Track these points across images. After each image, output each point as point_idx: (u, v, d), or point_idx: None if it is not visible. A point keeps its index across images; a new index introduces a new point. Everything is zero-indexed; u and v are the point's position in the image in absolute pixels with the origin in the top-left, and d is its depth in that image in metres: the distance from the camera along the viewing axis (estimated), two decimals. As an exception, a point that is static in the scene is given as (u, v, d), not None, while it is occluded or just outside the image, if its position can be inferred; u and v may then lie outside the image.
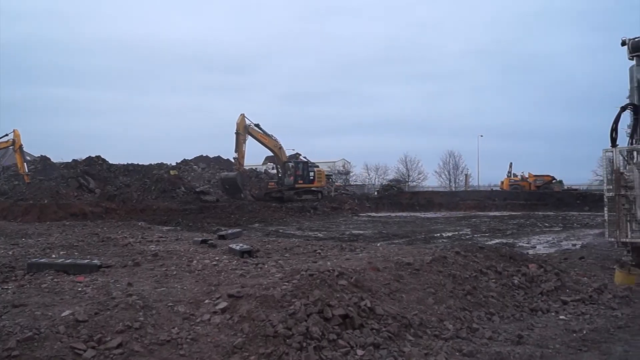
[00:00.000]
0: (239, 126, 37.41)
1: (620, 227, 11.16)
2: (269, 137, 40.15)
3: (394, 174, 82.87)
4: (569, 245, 17.21)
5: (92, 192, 38.68)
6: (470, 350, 5.86)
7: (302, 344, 5.46)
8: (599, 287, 9.09)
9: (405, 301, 7.15)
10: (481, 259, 9.40)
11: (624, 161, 11.46)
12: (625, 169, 11.31)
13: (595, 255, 13.12)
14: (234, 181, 38.56)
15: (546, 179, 55.09)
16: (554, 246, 17.13)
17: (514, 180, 56.60)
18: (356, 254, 11.20)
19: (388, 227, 25.29)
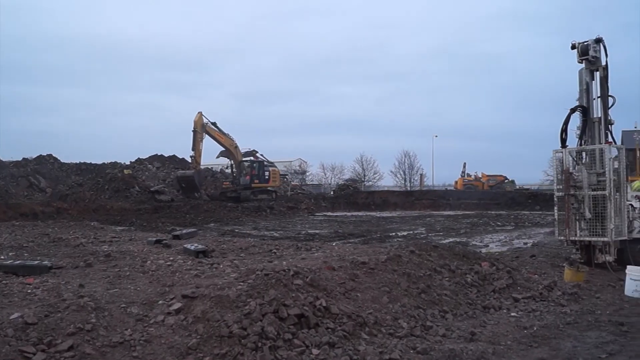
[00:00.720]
0: (196, 124, 37.07)
1: (569, 226, 11.44)
2: (225, 135, 39.89)
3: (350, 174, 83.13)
4: (521, 243, 17.54)
5: (43, 191, 37.86)
6: (424, 348, 5.93)
7: (258, 344, 5.44)
8: (549, 285, 9.30)
9: (360, 300, 7.19)
10: (435, 258, 9.51)
11: (573, 161, 11.76)
12: (575, 169, 11.60)
13: (546, 254, 13.40)
14: (191, 180, 38.20)
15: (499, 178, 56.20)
16: (506, 245, 17.44)
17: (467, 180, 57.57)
18: (312, 253, 11.23)
19: (344, 227, 25.38)
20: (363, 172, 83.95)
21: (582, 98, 12.06)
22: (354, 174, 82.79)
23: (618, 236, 11.16)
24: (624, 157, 11.70)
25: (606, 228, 11.04)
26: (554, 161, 12.22)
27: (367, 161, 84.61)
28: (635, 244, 11.62)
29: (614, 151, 11.47)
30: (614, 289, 9.69)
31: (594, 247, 11.46)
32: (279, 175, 45.62)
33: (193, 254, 11.17)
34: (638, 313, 8.04)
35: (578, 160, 11.73)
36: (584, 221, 11.40)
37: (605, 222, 11.05)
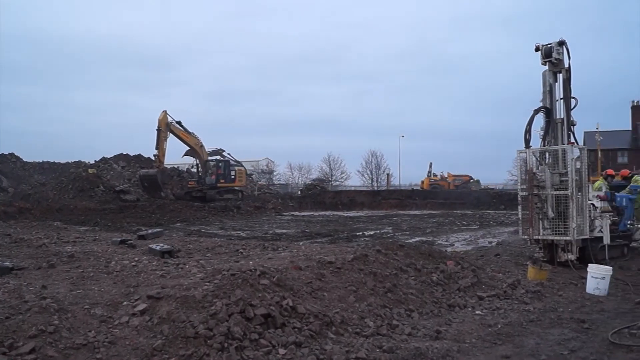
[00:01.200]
0: (160, 123, 36.68)
1: (533, 225, 11.62)
2: (190, 135, 39.53)
3: (317, 174, 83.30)
4: (486, 242, 17.74)
5: (4, 191, 37.15)
6: (390, 347, 5.96)
7: (224, 345, 5.41)
8: (513, 283, 9.42)
9: (327, 299, 7.20)
10: (401, 257, 9.56)
11: (537, 162, 11.95)
12: (538, 169, 11.79)
13: (510, 252, 13.58)
14: (154, 179, 37.76)
15: (464, 178, 56.80)
16: (471, 244, 17.62)
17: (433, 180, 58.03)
18: (279, 253, 11.20)
19: (311, 226, 25.38)
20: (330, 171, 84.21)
21: (546, 99, 12.27)
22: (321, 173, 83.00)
23: (580, 235, 11.37)
24: (586, 158, 11.92)
25: (568, 227, 11.24)
26: (518, 161, 12.41)
27: (335, 161, 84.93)
28: (597, 243, 11.87)
29: (576, 152, 11.69)
30: (576, 286, 9.86)
31: (556, 246, 11.66)
32: (245, 174, 45.38)
33: (158, 254, 11.06)
34: (599, 310, 8.21)
35: (541, 161, 11.92)
36: (547, 220, 11.59)
37: (568, 221, 11.25)
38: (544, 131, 12.23)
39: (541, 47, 12.15)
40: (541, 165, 11.81)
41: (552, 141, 12.14)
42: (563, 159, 11.49)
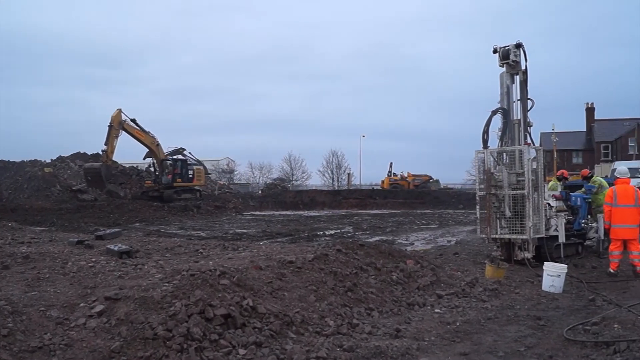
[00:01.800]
0: (113, 120, 36.04)
1: (490, 224, 11.80)
2: (145, 133, 38.92)
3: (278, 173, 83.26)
4: (445, 241, 17.95)
5: (-44, 191, 36.13)
6: (351, 346, 5.98)
7: (183, 346, 5.36)
8: (471, 281, 9.55)
9: (287, 299, 7.19)
10: (362, 256, 9.61)
11: (495, 162, 12.13)
12: (496, 169, 11.97)
13: (468, 251, 13.76)
14: (97, 172, 37.00)
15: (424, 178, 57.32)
16: (430, 243, 17.81)
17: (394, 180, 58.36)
18: (239, 253, 11.13)
19: (272, 226, 25.35)
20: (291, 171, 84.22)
21: (503, 101, 12.46)
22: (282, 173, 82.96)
23: (536, 234, 11.58)
24: (542, 158, 12.15)
25: (525, 226, 11.44)
26: (476, 161, 12.60)
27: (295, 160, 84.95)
28: (552, 241, 12.11)
29: (533, 152, 11.90)
30: (532, 284, 10.05)
31: (513, 245, 11.86)
32: (204, 174, 44.94)
33: (116, 255, 10.87)
34: (554, 307, 8.38)
35: (499, 161, 12.10)
36: (504, 219, 11.78)
37: (524, 220, 11.45)
38: (502, 132, 12.42)
39: (499, 49, 12.34)
40: (499, 166, 12.00)
41: (509, 142, 12.33)
42: (520, 159, 11.69)
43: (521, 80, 12.45)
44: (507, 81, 12.46)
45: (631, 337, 6.06)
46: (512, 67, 12.38)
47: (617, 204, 11.20)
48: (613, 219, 11.27)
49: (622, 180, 11.61)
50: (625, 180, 11.64)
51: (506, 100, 12.43)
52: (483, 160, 12.17)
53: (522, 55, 12.35)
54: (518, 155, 11.74)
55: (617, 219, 11.21)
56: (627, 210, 11.15)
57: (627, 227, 11.10)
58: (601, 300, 8.78)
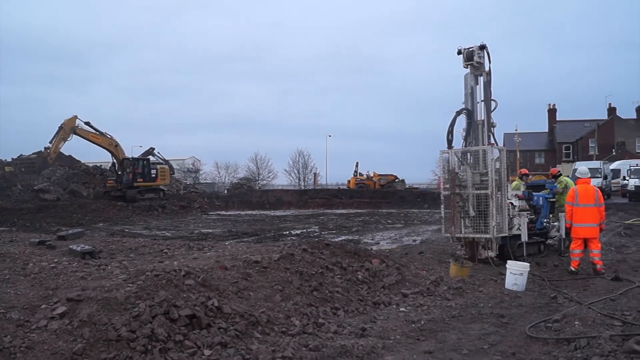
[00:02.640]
0: (65, 123, 35.45)
1: (455, 224, 11.91)
2: (102, 135, 38.26)
3: (244, 173, 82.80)
4: (410, 241, 18.07)
5: None
6: (316, 345, 5.99)
7: (147, 347, 5.31)
8: (436, 280, 9.63)
9: (253, 299, 7.17)
10: (327, 256, 9.62)
11: (459, 162, 12.25)
12: (460, 169, 12.09)
13: (433, 250, 13.85)
14: (31, 163, 36.39)
15: (390, 178, 57.57)
16: (396, 242, 17.91)
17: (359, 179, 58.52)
18: (204, 253, 11.06)
19: (238, 226, 25.24)
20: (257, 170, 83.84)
21: (467, 101, 12.60)
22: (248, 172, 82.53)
23: (499, 233, 11.74)
24: (505, 158, 12.30)
25: (489, 225, 11.58)
26: (441, 161, 12.69)
27: (262, 160, 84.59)
28: (515, 240, 12.29)
29: (496, 152, 12.05)
30: (496, 282, 10.17)
31: (477, 244, 12.00)
32: (168, 173, 44.47)
33: (79, 255, 10.71)
34: (517, 305, 8.51)
35: (463, 161, 12.23)
36: (469, 219, 11.91)
37: (488, 219, 11.60)
38: (466, 132, 12.56)
39: (463, 51, 12.47)
40: (463, 165, 12.12)
41: (473, 142, 12.47)
42: (483, 159, 11.83)
43: (485, 82, 12.60)
44: (471, 82, 12.59)
45: (591, 333, 6.18)
46: (476, 69, 12.52)
47: (578, 204, 11.40)
48: (574, 218, 11.46)
49: (583, 180, 11.83)
50: (586, 180, 11.86)
51: (470, 101, 12.56)
52: (448, 160, 12.29)
53: (485, 57, 12.50)
54: (482, 156, 11.87)
55: (578, 218, 11.40)
56: (587, 209, 11.35)
57: (588, 226, 11.31)
58: (562, 297, 8.94)
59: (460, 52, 12.51)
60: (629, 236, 17.90)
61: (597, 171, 39.73)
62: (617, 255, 13.68)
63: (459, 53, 12.53)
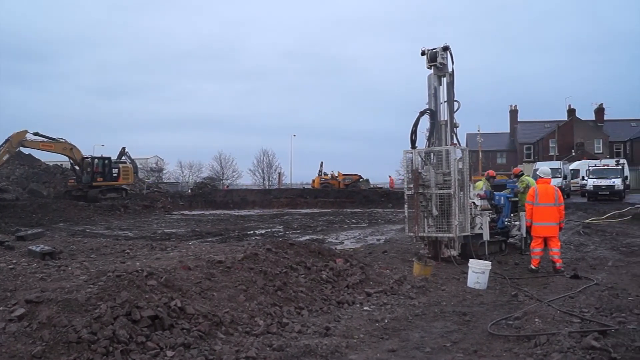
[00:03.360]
0: (14, 137, 34.48)
1: (418, 223, 12.01)
2: (55, 142, 37.42)
3: (208, 172, 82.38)
4: (374, 240, 18.15)
5: None
6: (280, 345, 5.98)
7: (109, 349, 5.24)
8: (399, 279, 9.70)
9: (216, 299, 7.13)
10: (292, 255, 9.61)
11: (422, 162, 12.36)
12: (423, 169, 12.20)
13: (397, 249, 13.94)
14: None
15: (354, 177, 57.82)
16: (360, 241, 17.97)
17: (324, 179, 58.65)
18: (167, 253, 10.98)
19: (201, 225, 25.06)
20: (222, 170, 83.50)
21: (431, 102, 12.71)
22: (212, 172, 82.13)
23: (462, 232, 11.88)
24: (468, 158, 12.46)
25: (451, 224, 11.71)
26: (404, 161, 12.79)
27: (226, 159, 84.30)
28: (477, 239, 12.45)
29: (459, 153, 12.19)
30: (458, 281, 10.29)
31: (440, 243, 12.12)
32: (132, 172, 43.87)
33: (39, 256, 10.52)
34: (479, 303, 8.62)
35: (426, 161, 12.34)
36: (432, 218, 12.02)
37: (451, 219, 11.72)
38: (429, 132, 12.67)
39: (427, 52, 12.57)
40: (426, 165, 12.23)
41: (437, 142, 12.59)
42: (446, 159, 11.95)
43: (448, 82, 12.72)
44: (435, 83, 12.71)
45: (551, 330, 6.29)
46: (439, 70, 12.64)
47: (538, 203, 11.62)
48: (534, 217, 11.67)
49: (544, 180, 12.08)
50: (546, 180, 12.12)
51: (433, 102, 12.68)
52: (411, 160, 12.39)
53: (449, 58, 12.63)
54: (445, 156, 11.99)
55: (538, 217, 11.61)
56: (547, 208, 11.57)
57: (548, 225, 11.53)
58: (523, 295, 9.07)
59: (423, 53, 12.61)
60: (588, 235, 18.30)
61: (557, 171, 40.52)
62: (576, 253, 13.97)
63: (423, 54, 12.63)
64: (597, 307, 7.48)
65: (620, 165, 43.43)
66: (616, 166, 42.07)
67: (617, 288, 8.89)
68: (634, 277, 10.26)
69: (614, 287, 8.93)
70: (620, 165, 43.29)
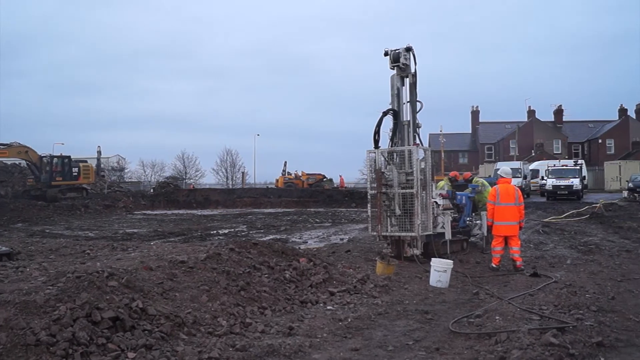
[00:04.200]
0: None
1: (381, 222, 12.09)
2: (8, 148, 36.54)
3: (171, 171, 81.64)
4: (337, 239, 18.19)
5: None
6: (244, 345, 5.96)
7: (68, 351, 5.15)
8: (363, 278, 9.74)
9: (179, 300, 7.07)
10: (255, 255, 9.59)
11: (385, 161, 12.44)
12: (386, 168, 12.28)
13: (360, 249, 14.01)
14: None
15: (317, 177, 57.92)
16: (323, 241, 18.00)
17: (288, 179, 58.63)
18: (128, 253, 10.87)
19: (164, 225, 24.81)
20: (184, 169, 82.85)
21: (394, 102, 12.79)
22: (175, 171, 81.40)
23: (424, 231, 11.99)
24: (430, 158, 12.58)
25: (414, 224, 11.82)
26: (368, 161, 12.85)
27: (189, 158, 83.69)
28: (439, 238, 12.58)
29: (421, 153, 12.30)
30: (421, 280, 10.38)
31: (403, 242, 12.22)
32: (92, 171, 43.17)
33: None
34: (441, 301, 8.71)
35: (389, 160, 12.42)
36: (395, 217, 12.11)
37: (413, 218, 11.82)
38: (392, 133, 12.76)
39: (390, 52, 12.65)
40: (389, 165, 12.31)
41: (399, 142, 12.68)
42: (409, 159, 12.05)
43: (411, 83, 12.82)
44: (398, 83, 12.80)
45: (511, 328, 6.40)
46: (402, 70, 12.73)
47: (499, 202, 11.81)
48: (495, 216, 11.84)
49: (504, 180, 12.27)
50: (507, 180, 12.33)
51: (396, 102, 12.77)
52: (374, 159, 12.47)
53: (411, 59, 12.72)
54: (407, 155, 12.09)
55: (499, 217, 11.79)
56: (508, 208, 11.76)
57: (508, 224, 11.72)
58: (484, 293, 9.21)
59: (386, 53, 12.68)
60: (547, 234, 18.65)
61: (517, 171, 41.23)
62: (535, 252, 14.23)
63: (386, 54, 12.70)
64: (556, 305, 7.63)
65: (579, 165, 44.47)
66: (574, 166, 43.03)
67: (575, 286, 9.07)
68: (591, 275, 10.49)
69: (572, 285, 9.10)
70: (578, 165, 44.32)
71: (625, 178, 49.16)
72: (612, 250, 14.08)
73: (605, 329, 6.51)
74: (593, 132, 77.93)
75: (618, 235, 17.69)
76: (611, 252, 13.74)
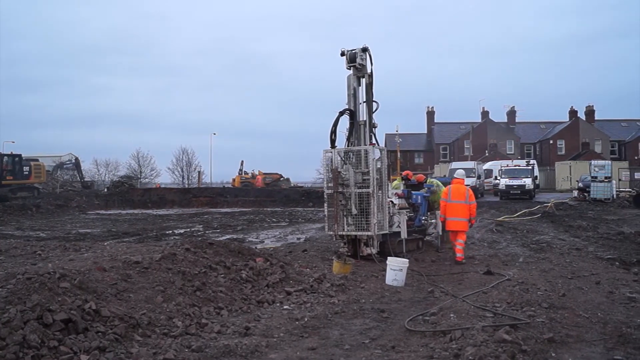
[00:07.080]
0: None
1: (337, 221, 12.13)
2: None
3: (125, 170, 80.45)
4: (294, 239, 18.20)
5: None
6: (200, 346, 5.92)
7: (18, 355, 5.03)
8: (319, 277, 9.76)
9: (133, 301, 6.98)
10: (211, 255, 9.52)
11: (342, 161, 12.49)
12: (343, 168, 12.33)
13: (317, 248, 14.05)
14: None
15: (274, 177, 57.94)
16: (280, 240, 17.99)
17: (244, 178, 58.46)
18: (81, 254, 10.67)
19: (118, 225, 24.44)
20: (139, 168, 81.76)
21: (350, 102, 12.85)
22: (129, 170, 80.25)
23: (380, 230, 12.09)
24: (386, 158, 12.70)
25: (370, 223, 11.90)
26: (324, 160, 12.89)
27: (144, 157, 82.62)
28: (395, 237, 12.70)
29: (377, 152, 12.39)
30: (377, 278, 10.46)
31: (359, 241, 12.28)
32: (44, 170, 42.24)
33: (-58, 259, 10.02)
34: (397, 300, 8.79)
35: (346, 160, 12.48)
36: (351, 217, 12.17)
37: (370, 217, 11.91)
38: (348, 132, 12.82)
39: (346, 52, 12.69)
40: (345, 165, 12.36)
41: (356, 142, 12.74)
42: (365, 159, 12.13)
43: (367, 83, 12.89)
44: (354, 83, 12.86)
45: (465, 325, 6.50)
46: (358, 70, 12.79)
47: (451, 200, 12.87)
48: (447, 212, 12.93)
49: (457, 181, 13.25)
50: (460, 181, 13.28)
51: (353, 102, 12.83)
52: (331, 159, 12.52)
53: (368, 59, 12.79)
54: (364, 155, 12.17)
55: (450, 213, 12.89)
56: (458, 205, 12.78)
57: (458, 220, 12.77)
58: (439, 291, 9.34)
59: (343, 53, 12.72)
60: (500, 232, 19.01)
61: (471, 171, 41.86)
62: (489, 250, 14.49)
63: (342, 54, 12.74)
64: (509, 302, 7.77)
65: (531, 165, 45.43)
66: (527, 166, 43.95)
67: (527, 283, 9.25)
68: (543, 273, 10.73)
69: (525, 282, 9.28)
70: (530, 165, 45.27)
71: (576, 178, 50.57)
72: (562, 248, 14.44)
73: (556, 325, 6.66)
74: (545, 133, 79.77)
75: (568, 234, 18.15)
76: (562, 250, 14.09)
